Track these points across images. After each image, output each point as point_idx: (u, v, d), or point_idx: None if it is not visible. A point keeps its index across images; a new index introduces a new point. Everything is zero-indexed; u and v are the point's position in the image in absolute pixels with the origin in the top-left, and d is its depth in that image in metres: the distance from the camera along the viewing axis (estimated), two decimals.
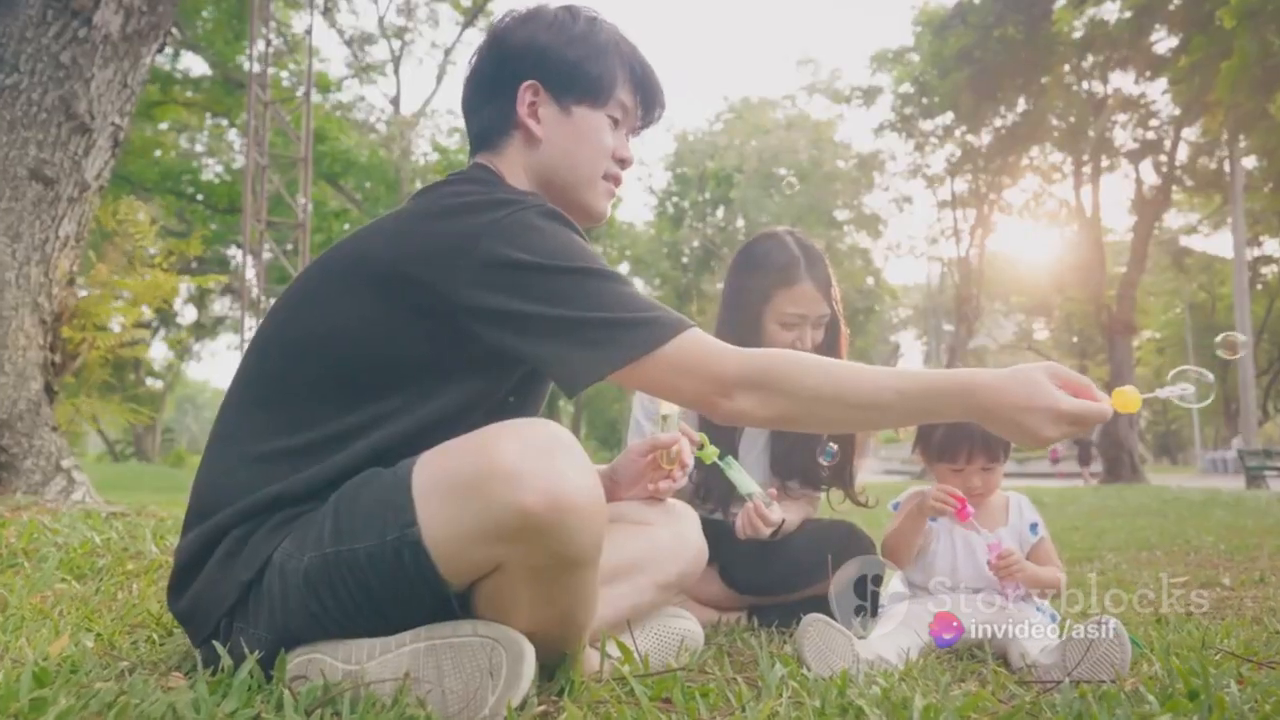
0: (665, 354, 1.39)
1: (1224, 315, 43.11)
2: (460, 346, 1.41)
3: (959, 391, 1.39)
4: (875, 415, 1.43)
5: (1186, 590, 3.30)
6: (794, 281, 2.37)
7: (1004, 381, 1.37)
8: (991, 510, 2.17)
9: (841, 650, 1.71)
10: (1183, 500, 11.21)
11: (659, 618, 1.76)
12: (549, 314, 1.37)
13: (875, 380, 1.41)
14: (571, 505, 1.21)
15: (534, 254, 1.38)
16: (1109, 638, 1.61)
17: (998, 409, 1.37)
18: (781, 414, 1.43)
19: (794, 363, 1.44)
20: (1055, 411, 1.36)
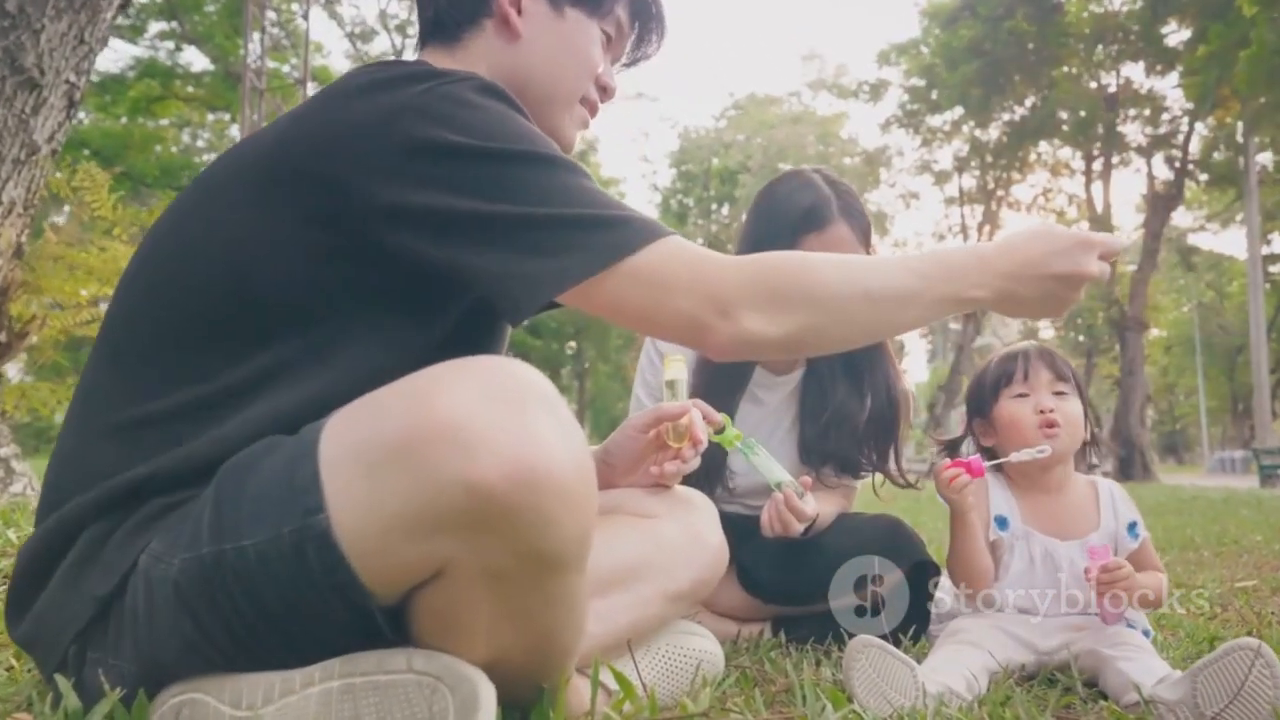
0: (642, 263, 1.05)
1: (1233, 314, 42.73)
2: (376, 270, 1.04)
3: (974, 263, 1.17)
4: (903, 309, 1.15)
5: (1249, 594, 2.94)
6: (825, 223, 1.96)
7: (1007, 239, 1.20)
8: (1078, 505, 1.78)
9: (901, 682, 1.34)
10: (1202, 499, 10.92)
11: (668, 635, 1.38)
12: (486, 211, 1.01)
13: (892, 267, 1.16)
14: (548, 480, 0.84)
15: (468, 134, 1.02)
16: (1255, 667, 1.23)
17: (1016, 266, 1.16)
18: (801, 328, 1.11)
19: (801, 261, 1.16)
20: (1083, 241, 1.18)
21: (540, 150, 1.05)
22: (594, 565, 1.25)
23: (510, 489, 0.82)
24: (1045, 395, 1.76)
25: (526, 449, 0.83)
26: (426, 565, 0.88)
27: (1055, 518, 1.77)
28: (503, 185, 1.02)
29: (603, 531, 1.32)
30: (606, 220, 1.05)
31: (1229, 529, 5.63)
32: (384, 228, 1.02)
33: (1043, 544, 1.74)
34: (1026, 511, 1.78)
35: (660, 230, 1.08)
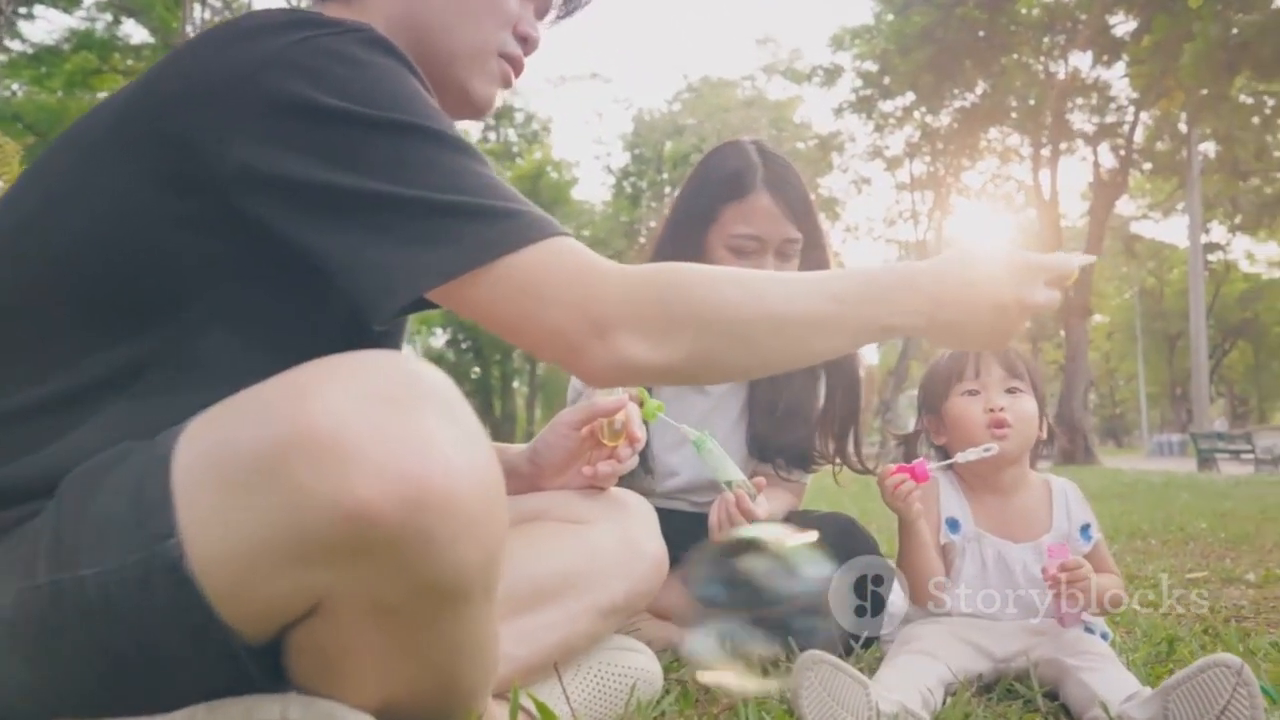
0: (519, 265, 0.89)
1: (1172, 300, 43.78)
2: (247, 247, 0.89)
3: (903, 286, 1.03)
4: (816, 336, 1.01)
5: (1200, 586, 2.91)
6: (746, 192, 1.84)
7: (943, 259, 1.06)
8: (1031, 507, 1.69)
9: (853, 702, 1.23)
10: (1143, 483, 11.08)
11: (600, 653, 1.26)
12: (347, 187, 0.85)
13: (806, 288, 1.01)
14: (443, 499, 0.71)
15: (341, 95, 0.86)
16: (1232, 686, 1.14)
17: (951, 290, 1.03)
18: (690, 354, 0.95)
19: (697, 276, 0.98)
20: (1028, 266, 1.05)
21: (423, 121, 0.89)
22: (518, 578, 1.13)
23: (395, 510, 0.68)
24: (996, 393, 1.66)
25: (415, 461, 0.69)
26: (300, 599, 0.74)
27: (1008, 520, 1.68)
28: (371, 158, 0.86)
29: (528, 540, 1.20)
30: (486, 211, 0.89)
31: (1174, 515, 5.66)
32: (241, 194, 0.87)
33: (995, 547, 1.65)
34: (979, 513, 1.68)
35: (547, 228, 0.92)
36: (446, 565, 0.72)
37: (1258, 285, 44.99)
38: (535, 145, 39.68)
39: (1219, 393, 50.75)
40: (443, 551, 0.71)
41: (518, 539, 1.18)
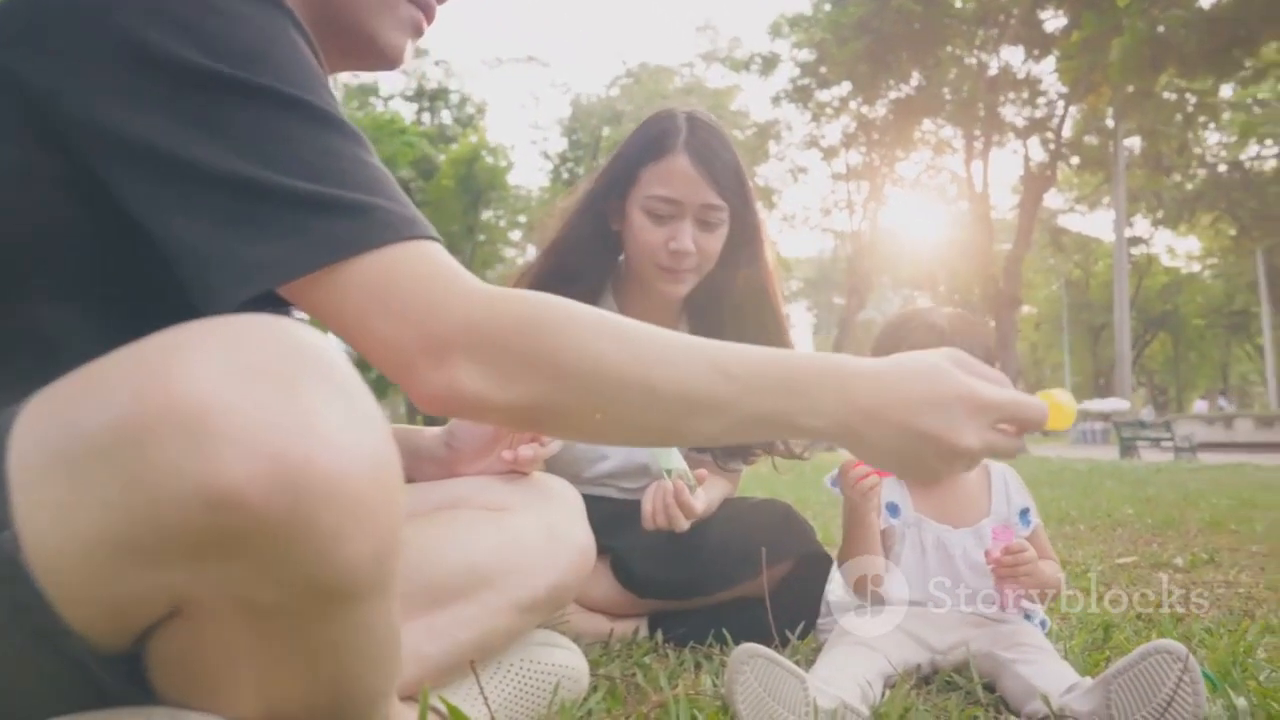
0: (370, 267, 0.78)
1: (1097, 292, 45.02)
2: (98, 210, 0.78)
3: (827, 381, 0.87)
4: (698, 417, 0.86)
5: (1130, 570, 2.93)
6: (664, 153, 1.73)
7: (889, 368, 0.89)
8: (970, 491, 1.65)
9: (790, 698, 1.16)
10: (1069, 470, 11.34)
11: (522, 649, 1.18)
12: (200, 162, 0.74)
13: (698, 359, 0.85)
14: (325, 483, 0.61)
15: (202, 48, 0.75)
16: (1177, 675, 1.10)
17: (880, 403, 0.87)
18: (538, 402, 0.83)
19: (566, 318, 0.84)
20: (974, 401, 0.87)
21: (295, 91, 0.78)
22: (431, 571, 1.04)
23: (268, 496, 0.58)
24: None
25: (293, 441, 0.59)
26: (158, 600, 0.64)
27: (947, 504, 1.63)
28: (227, 129, 0.75)
29: (442, 530, 1.11)
30: (341, 204, 0.77)
31: (1101, 502, 5.76)
32: (85, 149, 0.75)
33: (935, 532, 1.61)
34: (917, 498, 1.64)
35: (406, 229, 0.80)
36: (331, 560, 0.62)
37: (1178, 279, 46.52)
38: (470, 129, 39.15)
39: (1140, 382, 52.39)
40: (326, 544, 0.61)
41: (431, 529, 1.09)
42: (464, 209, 34.53)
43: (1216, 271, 45.03)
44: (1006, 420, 0.89)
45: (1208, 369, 53.44)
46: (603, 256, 1.85)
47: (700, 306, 1.87)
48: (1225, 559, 3.18)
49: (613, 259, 1.87)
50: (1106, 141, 25.39)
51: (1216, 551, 3.36)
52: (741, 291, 1.83)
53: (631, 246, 1.77)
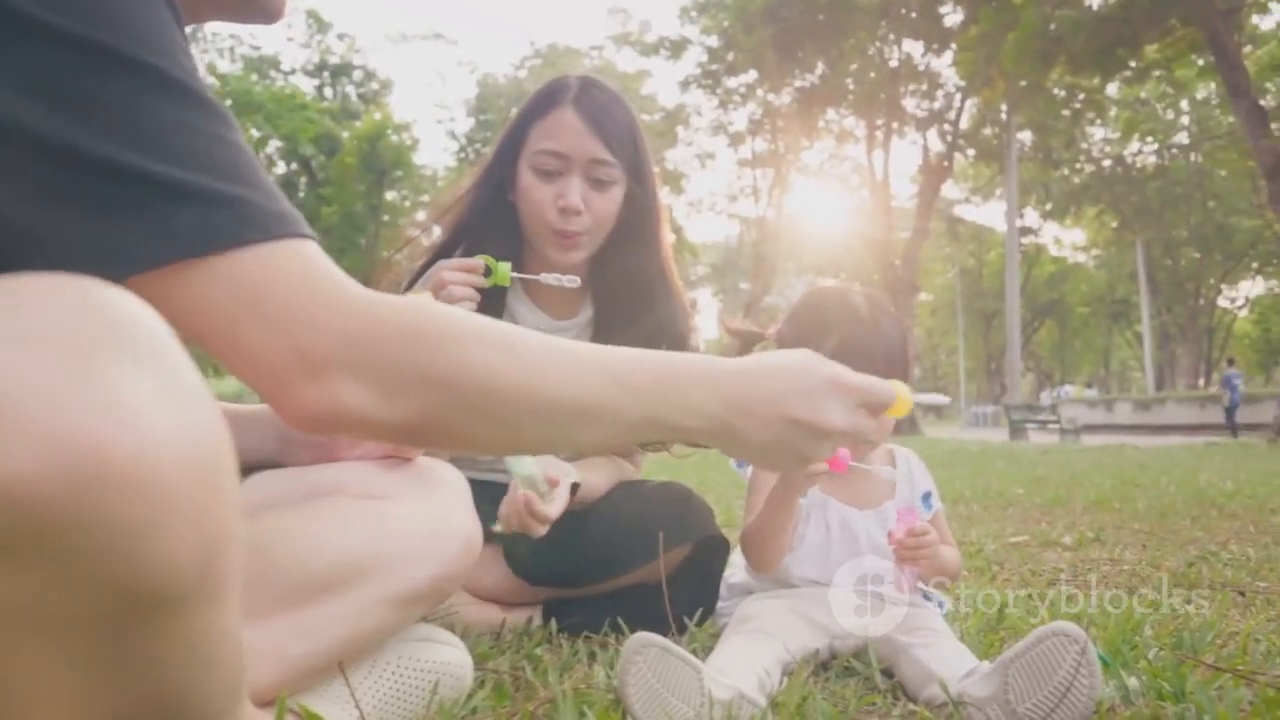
0: (236, 266, 0.71)
1: (990, 280, 46.59)
2: None
3: (700, 383, 0.90)
4: (586, 425, 0.86)
5: (1027, 549, 2.99)
6: (550, 107, 1.66)
7: (755, 365, 0.94)
8: (874, 474, 1.63)
9: (685, 689, 1.12)
10: (963, 452, 11.72)
11: (400, 646, 1.10)
12: (50, 135, 0.64)
13: (586, 366, 0.86)
14: (133, 474, 0.52)
15: (59, 8, 0.65)
16: (1075, 658, 1.09)
17: (749, 398, 0.91)
18: (425, 418, 0.79)
19: (448, 329, 0.80)
20: (838, 384, 0.94)
21: (160, 63, 0.69)
22: (295, 565, 0.96)
23: (62, 489, 0.49)
24: None
25: (93, 424, 0.50)
26: None
27: (852, 486, 1.61)
28: (84, 101, 0.65)
29: (312, 520, 1.02)
30: (205, 193, 0.69)
31: (992, 482, 5.93)
32: None
33: (840, 513, 1.58)
34: (824, 479, 1.61)
35: (278, 226, 0.73)
36: (140, 562, 0.53)
37: (1064, 268, 48.50)
38: (375, 105, 38.17)
39: (1028, 367, 54.55)
40: (132, 544, 0.52)
41: (299, 519, 1.01)
42: (368, 188, 33.69)
43: (1100, 262, 47.11)
44: (865, 402, 0.95)
45: (1091, 355, 55.99)
46: (504, 235, 1.75)
47: (603, 289, 1.80)
48: (1110, 537, 3.28)
49: (515, 238, 1.77)
50: (1000, 135, 26.20)
51: (1102, 530, 3.47)
52: (643, 272, 1.77)
53: (523, 211, 1.69)
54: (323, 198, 34.77)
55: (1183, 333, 39.78)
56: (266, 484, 1.10)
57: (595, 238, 1.70)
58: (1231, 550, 2.86)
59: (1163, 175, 35.94)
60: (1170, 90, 29.46)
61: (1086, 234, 45.19)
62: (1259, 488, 5.12)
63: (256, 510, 1.02)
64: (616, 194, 1.69)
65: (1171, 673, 1.26)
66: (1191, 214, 36.80)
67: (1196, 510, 4.05)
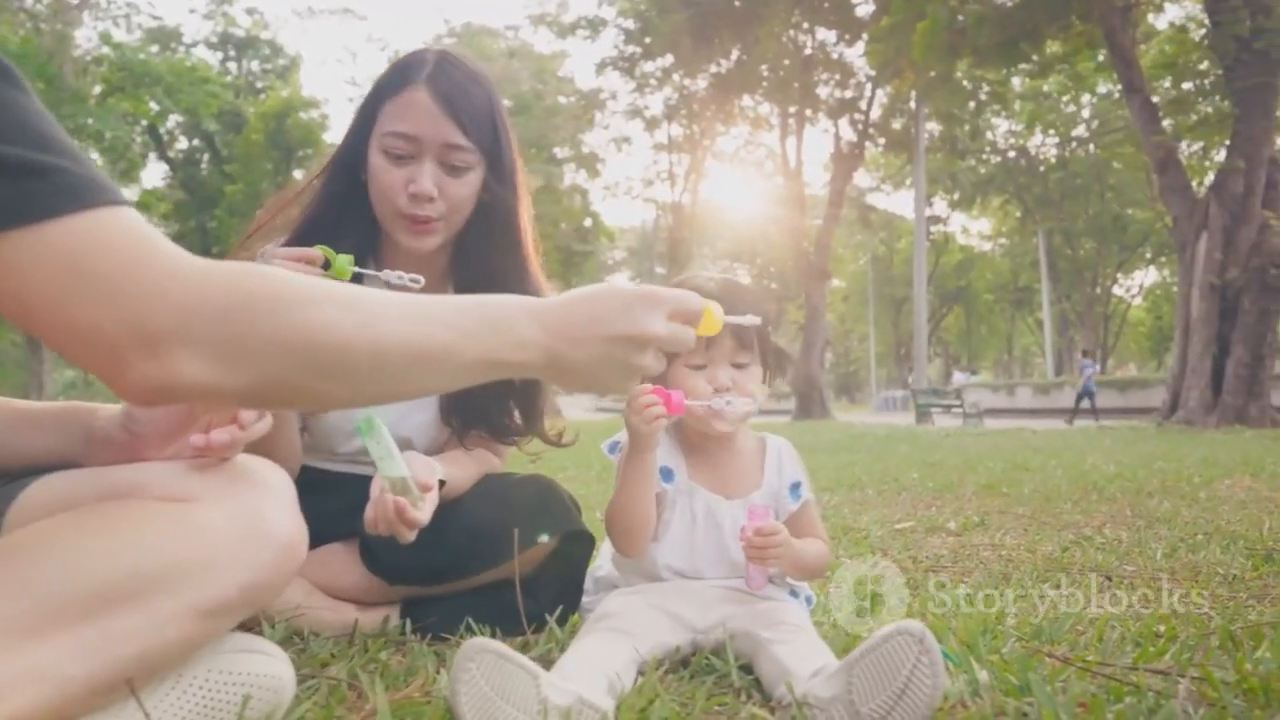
0: (60, 236, 0.69)
1: (900, 268, 47.66)
2: None
3: (523, 318, 0.96)
4: (427, 370, 0.91)
5: (911, 535, 3.03)
6: (402, 86, 1.56)
7: (572, 296, 1.02)
8: (744, 463, 1.60)
9: (521, 696, 1.06)
10: (870, 436, 11.94)
11: (211, 658, 1.02)
12: None
13: (419, 314, 0.90)
14: None
15: None
16: (915, 656, 1.07)
17: (571, 325, 0.98)
18: (267, 382, 0.81)
19: (283, 290, 0.82)
20: (649, 297, 1.02)
21: None
22: (83, 575, 0.89)
23: None
24: (723, 369, 1.51)
25: None
26: None
27: (721, 474, 1.58)
28: None
29: (103, 526, 0.93)
30: (19, 164, 0.67)
31: (891, 467, 6.03)
32: None
33: (706, 501, 1.55)
34: (693, 466, 1.58)
35: (99, 194, 0.72)
36: None
37: (971, 256, 49.86)
38: (282, 82, 37.03)
39: (936, 353, 56.04)
40: None
41: (86, 524, 0.92)
42: (275, 166, 32.68)
43: (1005, 251, 48.55)
44: (677, 313, 1.03)
45: (996, 340, 57.71)
46: (359, 220, 1.65)
47: (464, 276, 1.73)
48: (994, 522, 3.35)
49: (371, 223, 1.67)
50: (909, 125, 26.72)
51: (987, 515, 3.54)
52: (503, 258, 1.70)
53: (373, 194, 1.60)
54: (227, 175, 33.66)
55: (1081, 320, 41.26)
56: (58, 485, 1.01)
57: (451, 224, 1.62)
58: (1105, 534, 2.93)
59: (1064, 167, 37.16)
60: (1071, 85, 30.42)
61: (992, 223, 46.49)
62: (1139, 470, 5.31)
63: (43, 515, 0.94)
64: (473, 179, 1.60)
65: (1020, 666, 1.26)
66: (1090, 205, 38.16)
67: (1078, 494, 4.17)
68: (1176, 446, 8.17)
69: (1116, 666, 1.31)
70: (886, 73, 22.91)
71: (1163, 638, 1.52)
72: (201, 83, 30.39)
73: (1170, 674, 1.27)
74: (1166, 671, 1.28)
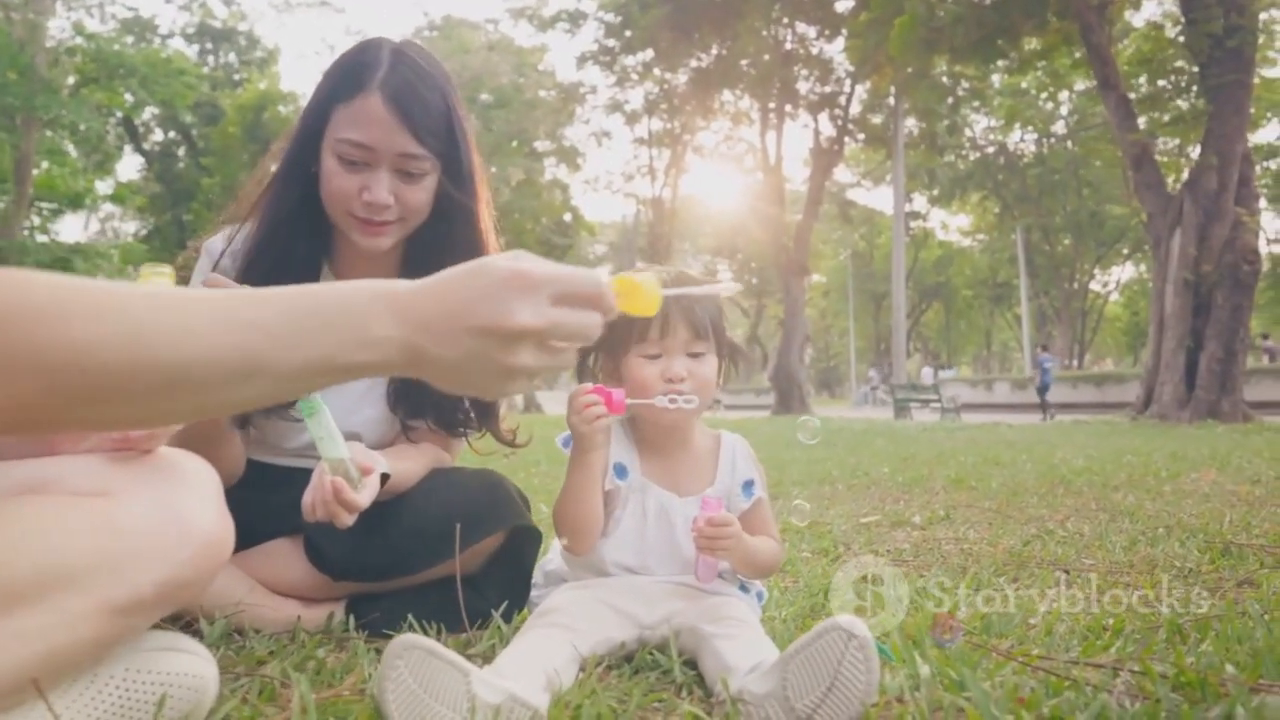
0: None
1: (880, 263, 47.80)
2: None
3: (357, 308, 0.81)
4: (230, 384, 0.77)
5: (876, 529, 3.03)
6: (355, 91, 1.50)
7: (433, 280, 0.85)
8: (698, 460, 1.58)
9: (450, 694, 1.05)
10: (848, 430, 11.97)
11: (129, 657, 1.00)
12: None
13: (217, 317, 0.77)
14: None
15: None
16: (848, 653, 1.06)
17: (435, 314, 0.82)
18: (24, 402, 0.71)
19: (48, 300, 0.72)
20: (523, 280, 0.82)
21: None
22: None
23: None
24: (678, 359, 1.49)
25: None
26: None
27: (675, 471, 1.56)
28: None
29: (11, 522, 0.91)
30: None
31: (863, 461, 6.04)
32: None
33: (659, 498, 1.54)
34: (647, 463, 1.56)
35: None
36: None
37: (950, 252, 50.08)
38: (260, 74, 36.69)
39: (916, 348, 56.30)
40: None
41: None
42: (252, 160, 32.38)
43: (984, 246, 48.78)
44: (563, 296, 0.83)
45: (975, 336, 58.04)
46: (314, 221, 1.62)
47: (418, 271, 1.70)
48: (959, 516, 3.35)
49: (327, 223, 1.63)
50: (889, 120, 26.79)
51: (954, 508, 3.54)
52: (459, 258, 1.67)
53: (325, 195, 1.57)
54: (204, 168, 33.34)
55: (1058, 315, 41.56)
56: None
57: (407, 225, 1.60)
58: (1068, 528, 2.94)
59: (1042, 163, 37.40)
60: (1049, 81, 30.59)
61: (971, 219, 46.72)
62: (1108, 464, 5.34)
63: None
64: (429, 183, 1.58)
65: (961, 661, 1.25)
66: (1068, 201, 38.41)
67: (1045, 488, 4.19)
68: (1148, 441, 8.23)
69: (1058, 661, 1.31)
70: (865, 68, 22.94)
71: (1110, 631, 1.52)
72: (177, 74, 30.03)
73: (1107, 668, 1.26)
74: (1103, 665, 1.28)
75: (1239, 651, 1.33)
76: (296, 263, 1.61)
